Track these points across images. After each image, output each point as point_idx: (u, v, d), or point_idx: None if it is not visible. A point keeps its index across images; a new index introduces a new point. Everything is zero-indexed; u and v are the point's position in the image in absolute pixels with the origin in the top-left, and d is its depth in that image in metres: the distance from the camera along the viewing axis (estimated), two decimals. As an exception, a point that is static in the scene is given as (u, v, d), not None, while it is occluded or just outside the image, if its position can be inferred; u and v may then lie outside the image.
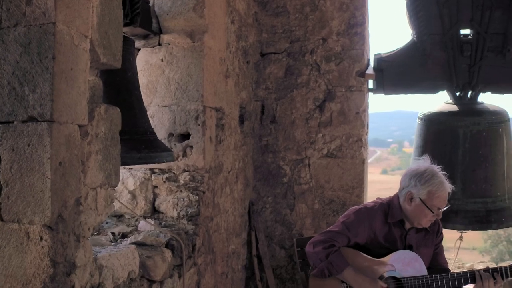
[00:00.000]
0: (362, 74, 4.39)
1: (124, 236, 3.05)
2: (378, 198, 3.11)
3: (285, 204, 4.48)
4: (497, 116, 4.18)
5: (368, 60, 4.50)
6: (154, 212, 3.38)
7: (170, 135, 3.35)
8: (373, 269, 2.87)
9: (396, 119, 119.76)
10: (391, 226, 2.97)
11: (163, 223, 3.28)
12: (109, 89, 2.48)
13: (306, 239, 3.31)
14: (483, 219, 4.09)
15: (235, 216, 4.04)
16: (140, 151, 2.66)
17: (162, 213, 3.37)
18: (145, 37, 3.34)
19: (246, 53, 4.21)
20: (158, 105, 3.36)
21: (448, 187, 2.89)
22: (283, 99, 4.45)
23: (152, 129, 2.90)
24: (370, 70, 4.43)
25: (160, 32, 3.34)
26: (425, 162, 2.98)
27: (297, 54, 4.42)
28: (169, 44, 3.34)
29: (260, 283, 4.35)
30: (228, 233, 3.90)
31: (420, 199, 2.86)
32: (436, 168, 2.93)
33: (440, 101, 4.51)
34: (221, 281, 3.77)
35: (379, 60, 4.42)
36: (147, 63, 3.37)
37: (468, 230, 4.27)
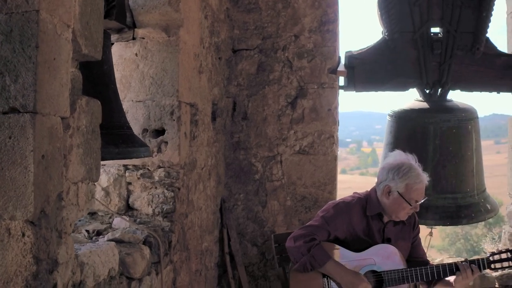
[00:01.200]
0: (334, 71, 4.40)
1: (98, 233, 2.98)
2: (355, 193, 3.12)
3: (257, 201, 4.47)
4: (467, 113, 4.25)
5: (339, 57, 4.52)
6: (128, 209, 3.32)
7: (145, 130, 3.30)
8: (354, 263, 2.88)
9: (354, 120, 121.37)
10: (369, 220, 2.98)
11: (138, 220, 3.22)
12: (85, 83, 2.41)
13: (284, 235, 3.31)
14: (453, 215, 4.15)
15: (208, 213, 4.00)
16: (118, 146, 2.60)
17: (137, 210, 3.31)
18: (119, 31, 3.27)
19: (218, 49, 4.18)
20: (132, 100, 3.30)
21: (425, 179, 2.92)
22: (255, 96, 4.43)
23: (129, 124, 2.85)
24: (341, 67, 4.45)
25: (134, 26, 3.28)
26: (402, 155, 3.00)
27: (269, 51, 4.41)
28: (143, 38, 3.28)
29: (232, 281, 4.32)
30: (202, 230, 3.86)
31: (398, 193, 2.88)
32: (413, 161, 2.95)
33: (402, 101, 4.58)
34: (195, 279, 3.73)
35: (350, 57, 4.45)
36: (121, 57, 3.30)
37: (438, 225, 4.34)
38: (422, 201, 2.94)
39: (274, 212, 4.45)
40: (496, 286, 4.40)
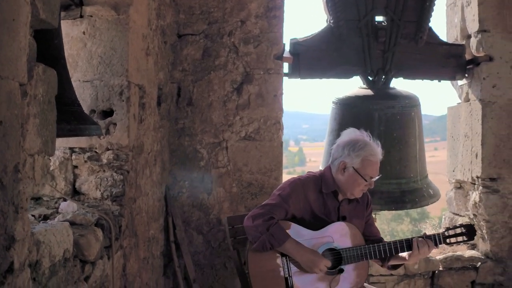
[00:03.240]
0: (280, 57, 4.40)
1: (46, 218, 2.84)
2: (309, 172, 3.12)
3: (202, 188, 4.40)
4: (410, 100, 4.35)
5: (284, 44, 4.51)
6: (75, 193, 3.18)
7: (92, 112, 3.17)
8: (311, 241, 2.87)
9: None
10: (325, 198, 2.98)
11: (86, 204, 3.09)
12: (36, 56, 2.30)
13: (238, 217, 3.27)
14: (398, 200, 4.24)
15: (154, 200, 3.91)
16: (70, 123, 2.49)
17: (84, 194, 3.18)
18: (66, 8, 3.13)
19: (164, 33, 4.08)
20: (79, 80, 3.16)
21: (380, 155, 2.96)
22: (200, 81, 4.36)
23: (79, 101, 2.73)
24: (287, 54, 4.45)
25: (81, 3, 3.15)
26: (356, 132, 3.02)
27: (215, 36, 4.35)
28: (91, 16, 3.16)
29: (178, 270, 4.24)
30: (149, 217, 3.76)
31: (354, 168, 2.90)
32: (368, 137, 2.98)
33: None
34: (144, 267, 3.63)
35: (295, 44, 4.47)
36: (68, 35, 3.15)
37: (384, 210, 4.43)
38: (377, 177, 2.97)
39: (219, 199, 4.39)
40: (440, 268, 4.52)
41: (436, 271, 4.53)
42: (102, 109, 3.19)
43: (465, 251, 4.67)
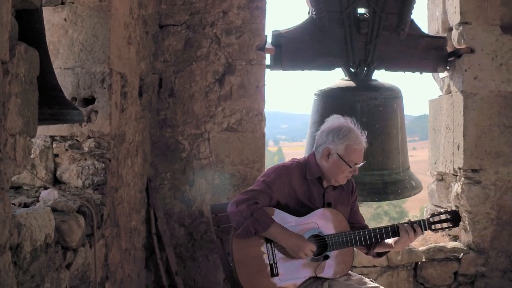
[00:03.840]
0: (262, 48, 4.38)
1: (26, 206, 2.79)
2: (293, 159, 3.10)
3: (184, 180, 4.36)
4: (392, 92, 4.36)
5: (266, 36, 4.50)
6: (56, 182, 3.14)
7: (73, 99, 3.13)
8: (296, 227, 2.85)
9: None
10: (309, 184, 2.96)
11: (67, 193, 3.05)
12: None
13: (221, 205, 3.25)
14: (380, 191, 4.26)
15: (135, 191, 3.87)
16: (52, 107, 2.44)
17: (65, 183, 3.14)
18: (46, -7, 3.08)
19: (145, 23, 4.04)
20: (60, 68, 3.12)
21: (364, 141, 2.95)
22: (182, 72, 4.33)
23: (60, 87, 2.68)
24: (269, 45, 4.44)
25: (62, -10, 3.11)
26: (340, 119, 3.02)
27: (197, 27, 4.32)
28: (73, 3, 3.11)
29: (160, 262, 4.20)
30: (130, 208, 3.72)
31: (338, 155, 2.88)
32: (352, 123, 2.98)
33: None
34: (125, 258, 3.59)
35: (278, 35, 4.45)
36: (49, 22, 3.10)
37: (366, 201, 4.44)
38: (361, 164, 2.96)
39: (202, 191, 4.36)
40: (423, 259, 4.54)
41: (419, 263, 4.54)
42: (83, 96, 3.15)
43: (447, 242, 4.69)
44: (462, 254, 4.54)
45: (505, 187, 4.51)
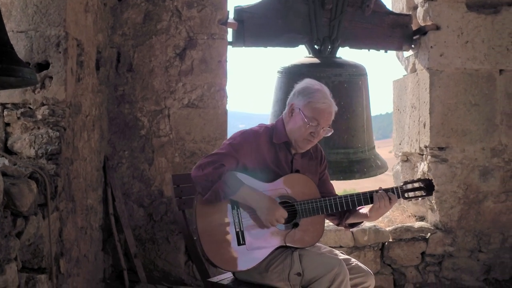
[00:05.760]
0: (224, 22, 4.25)
1: (-27, 174, 2.59)
2: (261, 124, 2.96)
3: (143, 158, 4.18)
4: (357, 69, 4.27)
5: (228, 12, 4.35)
6: (7, 152, 2.93)
7: (27, 64, 2.93)
8: (265, 193, 2.71)
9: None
10: (277, 150, 2.82)
11: (19, 162, 2.85)
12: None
13: (183, 176, 3.12)
14: (346, 169, 4.15)
15: (92, 167, 3.68)
16: (1, 62, 2.26)
17: (17, 153, 2.94)
18: (-5, -51, 2.88)
19: (103, -8, 3.86)
20: (13, 31, 2.92)
21: (333, 106, 2.82)
22: (141, 46, 4.15)
23: (12, 45, 2.49)
24: (232, 21, 4.30)
25: None
26: (313, 81, 2.91)
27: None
28: (25, -39, 2.92)
29: (118, 244, 4.01)
30: (87, 184, 3.53)
31: (299, 110, 2.76)
32: (326, 89, 2.86)
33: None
34: (81, 236, 3.40)
35: (240, 10, 4.32)
36: (-1, -18, 2.91)
37: (332, 180, 4.32)
38: (327, 131, 2.82)
39: (161, 170, 4.19)
40: (390, 240, 4.48)
41: (386, 243, 4.48)
42: (37, 61, 2.97)
43: (414, 223, 4.65)
44: (429, 234, 4.50)
45: (472, 166, 4.49)
